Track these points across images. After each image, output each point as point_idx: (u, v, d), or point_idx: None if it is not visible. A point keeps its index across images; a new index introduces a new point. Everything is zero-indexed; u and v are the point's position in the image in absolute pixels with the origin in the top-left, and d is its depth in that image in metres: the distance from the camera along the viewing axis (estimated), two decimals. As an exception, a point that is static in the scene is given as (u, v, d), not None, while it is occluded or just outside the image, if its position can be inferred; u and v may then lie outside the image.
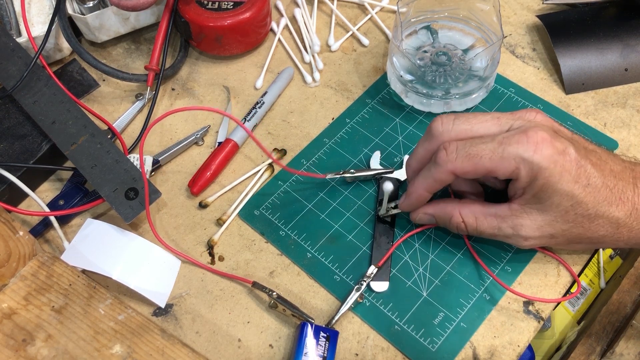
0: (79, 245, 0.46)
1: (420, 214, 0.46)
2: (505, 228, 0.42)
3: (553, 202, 0.39)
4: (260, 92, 0.57)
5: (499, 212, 0.42)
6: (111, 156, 0.48)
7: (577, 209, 0.40)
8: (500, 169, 0.39)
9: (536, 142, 0.38)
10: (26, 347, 0.38)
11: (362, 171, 0.50)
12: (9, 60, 0.52)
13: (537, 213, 0.41)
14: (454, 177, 0.41)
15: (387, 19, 0.63)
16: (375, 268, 0.45)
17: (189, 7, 0.56)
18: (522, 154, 0.38)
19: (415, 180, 0.44)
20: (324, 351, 0.41)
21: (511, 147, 0.39)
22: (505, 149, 0.39)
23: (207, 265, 0.47)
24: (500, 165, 0.39)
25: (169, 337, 0.40)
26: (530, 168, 0.38)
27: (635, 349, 0.46)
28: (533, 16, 0.62)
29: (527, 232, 0.41)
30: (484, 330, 0.44)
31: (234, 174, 0.52)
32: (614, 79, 0.57)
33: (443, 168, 0.41)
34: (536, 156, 0.38)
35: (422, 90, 0.53)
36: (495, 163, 0.39)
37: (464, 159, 0.40)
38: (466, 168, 0.40)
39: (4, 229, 0.42)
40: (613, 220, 0.40)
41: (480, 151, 0.40)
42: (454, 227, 0.44)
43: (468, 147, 0.40)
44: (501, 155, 0.39)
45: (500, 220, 0.42)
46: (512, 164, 0.39)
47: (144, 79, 0.56)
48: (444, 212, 0.44)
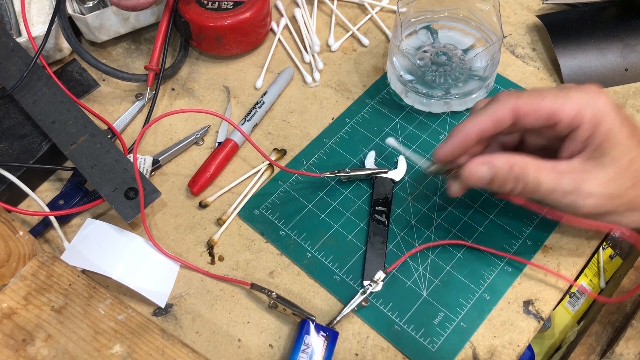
0: (79, 245, 0.46)
1: (477, 164, 0.40)
2: (565, 183, 0.39)
3: (615, 154, 0.38)
4: (260, 92, 0.57)
5: (557, 167, 0.39)
6: (111, 156, 0.48)
7: (634, 164, 0.38)
8: (564, 110, 0.38)
9: (597, 92, 0.39)
10: (26, 347, 0.38)
11: (357, 170, 0.50)
12: (9, 60, 0.52)
13: (599, 168, 0.39)
14: (511, 117, 0.39)
15: (387, 19, 0.63)
16: (383, 273, 0.45)
17: (189, 7, 0.56)
18: (585, 97, 0.38)
19: (465, 121, 0.40)
20: (322, 350, 0.41)
21: (573, 92, 0.39)
22: (568, 93, 0.39)
23: (204, 270, 0.47)
24: (564, 107, 0.38)
25: (169, 337, 0.40)
26: (594, 112, 0.38)
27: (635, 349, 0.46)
28: (533, 16, 0.62)
29: (589, 186, 0.39)
30: (483, 330, 0.44)
31: (233, 174, 0.52)
32: (614, 79, 0.57)
33: (503, 103, 0.39)
34: (600, 102, 0.38)
35: (422, 90, 0.53)
36: (559, 104, 0.38)
37: (527, 96, 0.39)
38: (529, 105, 0.39)
39: (4, 229, 0.42)
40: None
41: (543, 92, 0.39)
42: (512, 178, 0.39)
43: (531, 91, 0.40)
44: (565, 97, 0.39)
45: (560, 174, 0.39)
46: (575, 107, 0.38)
47: (144, 79, 0.56)
48: (504, 159, 0.39)
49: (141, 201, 0.46)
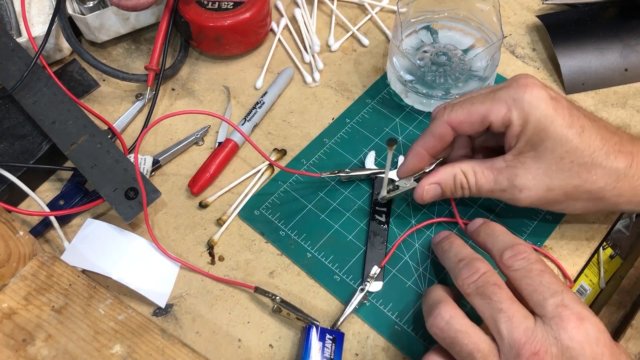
0: (79, 245, 0.46)
1: (425, 186, 0.44)
2: (501, 180, 0.41)
3: (547, 147, 0.39)
4: (260, 92, 0.57)
5: (494, 164, 0.42)
6: (111, 156, 0.48)
7: (572, 155, 0.38)
8: (492, 112, 0.39)
9: (526, 85, 0.39)
10: (26, 347, 0.38)
11: (356, 170, 0.50)
12: (9, 60, 0.52)
13: (532, 161, 0.40)
14: (451, 129, 0.42)
15: (387, 19, 0.63)
16: (378, 268, 0.45)
17: (189, 7, 0.56)
18: (513, 95, 0.39)
19: (413, 144, 0.45)
20: (331, 353, 0.41)
21: (501, 91, 0.39)
22: (496, 93, 0.40)
23: (206, 272, 0.46)
24: (492, 108, 0.39)
25: (169, 337, 0.40)
26: (522, 108, 0.38)
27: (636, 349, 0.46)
28: (533, 16, 0.62)
29: (522, 181, 0.40)
30: (484, 330, 0.44)
31: (234, 174, 0.52)
32: (614, 79, 0.57)
33: (439, 120, 0.42)
34: (527, 96, 0.38)
35: (422, 90, 0.53)
36: (487, 106, 0.39)
37: (458, 109, 0.41)
38: (461, 116, 0.41)
39: (4, 229, 0.42)
40: (612, 170, 0.39)
41: (472, 99, 0.41)
42: (458, 186, 0.43)
43: (463, 100, 0.41)
44: (492, 99, 0.39)
45: (497, 173, 0.42)
46: (503, 106, 0.39)
47: (144, 79, 0.56)
48: (446, 173, 0.43)
49: (144, 202, 0.46)
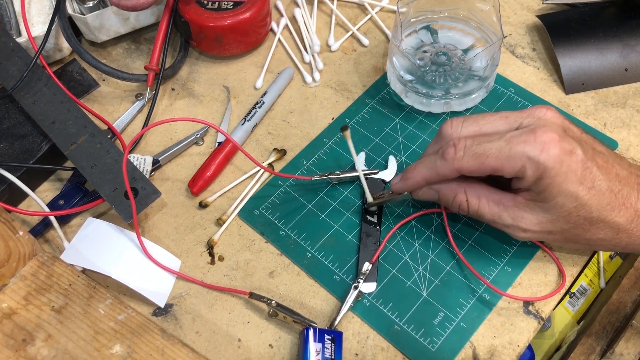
0: (78, 244, 0.46)
1: (424, 188, 0.45)
2: (505, 217, 0.42)
3: (557, 202, 0.39)
4: (260, 92, 0.57)
5: (503, 200, 0.42)
6: (111, 156, 0.48)
7: (580, 210, 0.39)
8: (506, 168, 0.39)
9: (543, 142, 0.38)
10: (26, 347, 0.38)
11: (347, 172, 0.50)
12: (9, 60, 0.52)
13: (540, 210, 0.41)
14: (458, 175, 0.41)
15: (387, 19, 0.63)
16: (369, 264, 0.45)
17: (189, 7, 0.56)
18: (528, 153, 0.38)
19: (417, 167, 0.44)
20: (331, 353, 0.41)
21: (518, 147, 0.39)
22: (512, 148, 0.39)
23: (199, 280, 0.46)
24: (506, 165, 0.39)
25: (169, 337, 0.40)
26: (537, 168, 0.38)
27: (635, 349, 0.46)
28: (533, 16, 0.62)
29: (526, 224, 0.41)
30: (483, 330, 0.44)
31: (233, 174, 0.52)
32: (614, 79, 0.57)
33: (449, 165, 0.41)
34: (543, 156, 0.38)
35: (422, 90, 0.53)
36: (501, 162, 0.39)
37: (470, 157, 0.40)
38: (472, 167, 0.40)
39: (4, 229, 0.42)
40: (614, 225, 0.40)
41: (487, 150, 0.40)
42: (455, 205, 0.44)
43: (476, 146, 0.40)
44: (507, 155, 0.39)
45: (503, 209, 0.42)
46: (518, 163, 0.39)
47: (144, 79, 0.56)
48: (450, 188, 0.43)
49: (133, 208, 0.45)
